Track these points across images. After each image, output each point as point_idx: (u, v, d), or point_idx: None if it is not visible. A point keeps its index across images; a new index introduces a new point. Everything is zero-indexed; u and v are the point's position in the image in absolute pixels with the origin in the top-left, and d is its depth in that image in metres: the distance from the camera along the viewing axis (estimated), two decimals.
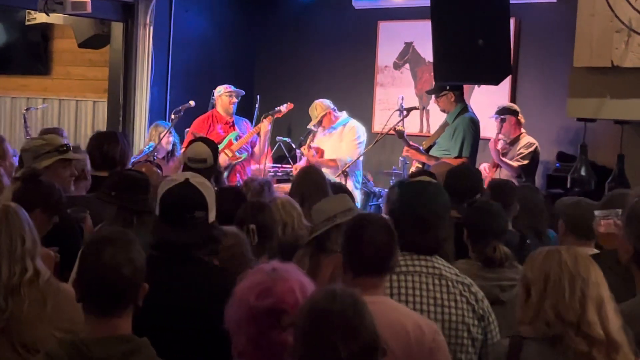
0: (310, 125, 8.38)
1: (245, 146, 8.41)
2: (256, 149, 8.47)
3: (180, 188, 3.13)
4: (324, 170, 7.99)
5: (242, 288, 2.45)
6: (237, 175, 8.39)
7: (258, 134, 8.40)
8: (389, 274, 3.12)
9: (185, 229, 3.04)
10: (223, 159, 8.18)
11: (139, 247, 2.55)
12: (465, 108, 7.54)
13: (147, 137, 8.80)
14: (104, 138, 5.63)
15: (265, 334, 2.39)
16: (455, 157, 7.23)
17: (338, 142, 8.30)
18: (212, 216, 3.16)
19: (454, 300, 3.26)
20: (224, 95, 8.46)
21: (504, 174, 7.51)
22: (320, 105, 8.32)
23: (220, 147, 8.23)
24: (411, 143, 7.64)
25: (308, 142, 8.40)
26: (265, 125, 8.33)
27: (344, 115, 8.44)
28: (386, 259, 3.03)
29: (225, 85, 8.54)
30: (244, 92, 8.61)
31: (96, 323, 2.49)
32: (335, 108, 8.37)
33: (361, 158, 8.23)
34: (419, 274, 3.27)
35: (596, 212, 4.01)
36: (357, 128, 8.36)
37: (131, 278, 2.49)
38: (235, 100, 8.47)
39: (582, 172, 6.55)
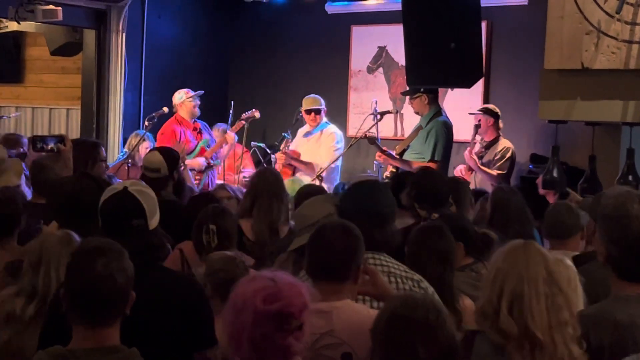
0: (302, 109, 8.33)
1: (215, 153, 8.38)
2: (220, 155, 8.41)
3: (117, 197, 3.14)
4: (299, 174, 8.03)
5: (243, 293, 2.45)
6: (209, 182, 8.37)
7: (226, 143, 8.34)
8: (354, 280, 3.08)
9: (124, 238, 3.00)
10: (198, 163, 8.15)
11: (127, 256, 2.57)
12: (439, 112, 7.56)
13: (125, 146, 8.70)
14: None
15: (270, 338, 2.40)
16: (429, 161, 7.26)
17: (316, 147, 8.26)
18: (153, 223, 3.16)
19: None
20: (187, 101, 8.35)
21: (479, 177, 7.54)
22: (315, 100, 8.31)
23: (193, 154, 8.19)
24: (384, 148, 7.62)
25: (282, 147, 8.38)
26: (231, 137, 8.28)
27: (323, 119, 8.41)
28: (345, 265, 3.02)
29: (185, 90, 8.44)
30: (202, 92, 8.50)
31: (85, 333, 2.47)
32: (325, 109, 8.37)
33: (339, 164, 8.20)
34: None
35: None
36: (335, 134, 8.32)
37: (124, 287, 2.50)
38: (198, 102, 8.40)
39: (554, 174, 6.57)
